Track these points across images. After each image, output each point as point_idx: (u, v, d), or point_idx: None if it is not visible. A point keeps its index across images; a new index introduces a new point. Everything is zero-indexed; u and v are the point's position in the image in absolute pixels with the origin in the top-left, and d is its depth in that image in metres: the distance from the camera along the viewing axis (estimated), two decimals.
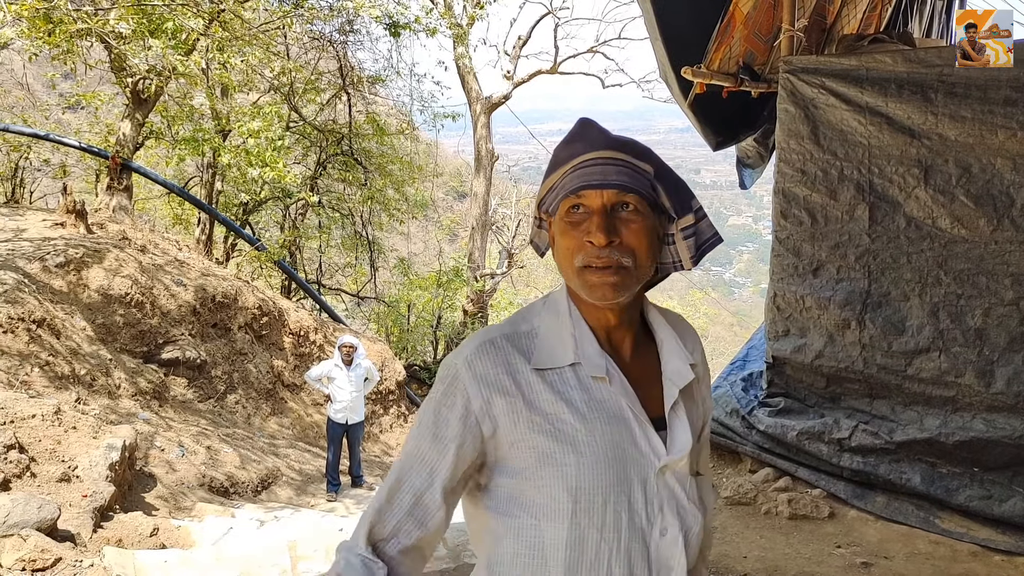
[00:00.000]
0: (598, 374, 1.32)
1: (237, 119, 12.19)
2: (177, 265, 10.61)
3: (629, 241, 1.30)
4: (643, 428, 1.32)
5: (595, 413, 1.30)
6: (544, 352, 1.34)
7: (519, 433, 1.29)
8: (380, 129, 15.93)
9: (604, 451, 1.28)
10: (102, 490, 5.40)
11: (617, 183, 1.30)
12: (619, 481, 1.28)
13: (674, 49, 4.86)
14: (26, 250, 8.75)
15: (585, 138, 1.37)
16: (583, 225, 1.31)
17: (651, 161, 1.37)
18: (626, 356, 1.40)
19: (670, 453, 1.33)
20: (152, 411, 8.02)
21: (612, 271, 1.28)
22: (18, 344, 7.14)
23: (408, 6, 12.52)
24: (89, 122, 16.24)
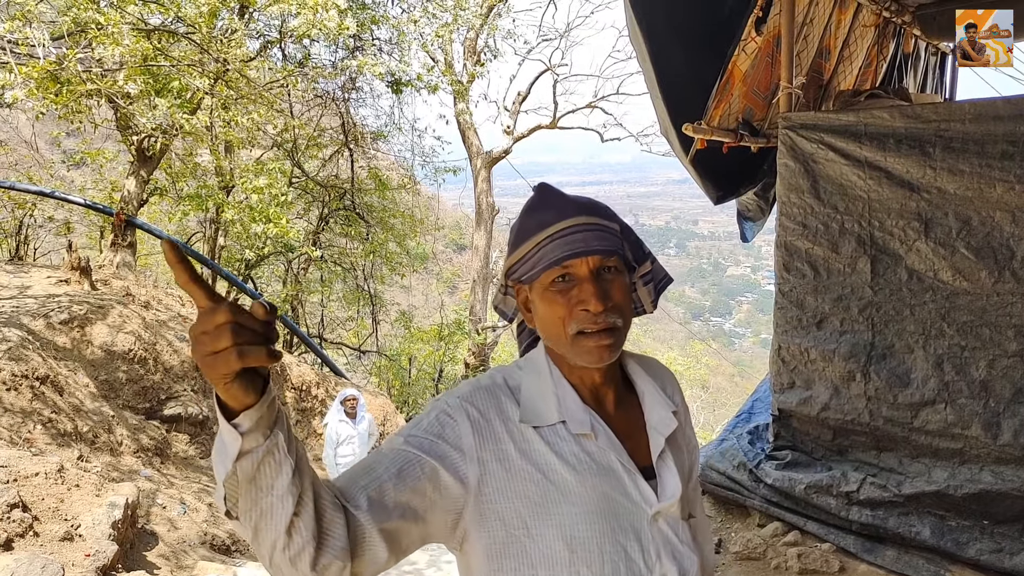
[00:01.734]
0: (583, 431, 1.34)
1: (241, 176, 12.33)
2: (180, 321, 10.63)
3: (618, 301, 1.34)
4: (632, 478, 1.34)
5: (584, 466, 1.32)
6: (530, 410, 1.36)
7: (511, 481, 1.30)
8: (382, 184, 16.11)
9: (596, 502, 1.30)
10: (105, 549, 5.35)
11: (600, 249, 1.34)
12: (613, 531, 1.30)
13: (674, 106, 4.95)
14: (30, 307, 8.79)
15: (552, 206, 1.40)
16: (571, 293, 1.33)
17: (616, 220, 1.43)
18: (610, 409, 1.42)
19: (661, 500, 1.36)
20: (154, 468, 7.97)
21: (608, 334, 1.32)
22: (21, 401, 7.13)
23: (410, 64, 12.77)
24: (93, 179, 16.40)
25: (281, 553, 1.11)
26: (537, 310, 1.40)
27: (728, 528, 4.93)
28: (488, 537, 1.30)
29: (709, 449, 5.32)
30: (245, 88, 10.27)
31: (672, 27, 4.70)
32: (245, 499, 1.09)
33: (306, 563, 1.12)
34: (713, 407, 29.05)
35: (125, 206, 11.77)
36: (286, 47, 12.63)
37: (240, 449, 1.05)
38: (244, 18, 10.92)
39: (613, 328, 1.33)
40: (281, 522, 1.09)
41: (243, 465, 1.07)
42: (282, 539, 1.10)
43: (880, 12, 6.14)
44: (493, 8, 15.25)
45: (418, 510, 1.24)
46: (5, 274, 10.00)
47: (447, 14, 12.47)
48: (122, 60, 7.61)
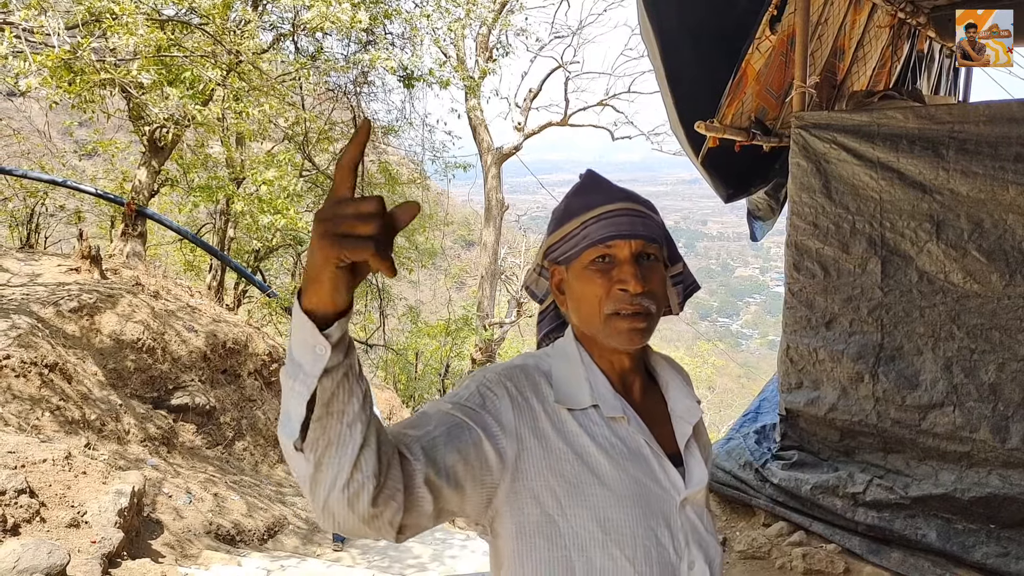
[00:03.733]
0: (616, 414, 1.36)
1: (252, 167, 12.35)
2: (189, 311, 10.66)
3: (655, 288, 1.36)
4: (662, 464, 1.36)
5: (617, 450, 1.33)
6: (563, 392, 1.36)
7: (548, 459, 1.29)
8: (392, 178, 16.11)
9: (628, 487, 1.31)
10: (111, 536, 5.37)
11: (645, 234, 1.37)
12: (645, 516, 1.30)
13: (684, 104, 4.95)
14: (40, 295, 8.82)
15: (599, 190, 1.44)
16: (611, 273, 1.35)
17: (657, 214, 1.47)
18: (637, 398, 1.44)
19: (688, 487, 1.37)
20: (160, 457, 8.00)
21: (641, 318, 1.34)
22: (30, 388, 7.16)
23: (422, 58, 12.76)
24: (105, 169, 16.46)
25: (340, 492, 1.06)
26: (573, 290, 1.41)
27: (733, 527, 4.92)
28: (521, 515, 1.29)
29: (715, 448, 5.31)
30: (257, 80, 10.29)
31: (684, 25, 4.69)
32: (315, 427, 1.04)
33: (365, 501, 1.08)
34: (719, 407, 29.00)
35: (136, 196, 11.81)
36: (299, 40, 12.64)
37: (326, 364, 1.01)
38: (258, 10, 10.94)
39: (647, 313, 1.34)
40: (348, 454, 1.05)
41: (324, 384, 1.02)
42: (345, 473, 1.06)
43: (895, 13, 6.12)
44: (506, 4, 15.24)
45: (460, 477, 1.21)
46: (16, 262, 10.05)
47: (460, 9, 12.46)
48: (136, 50, 7.63)
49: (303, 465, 1.06)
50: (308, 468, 1.06)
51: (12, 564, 4.27)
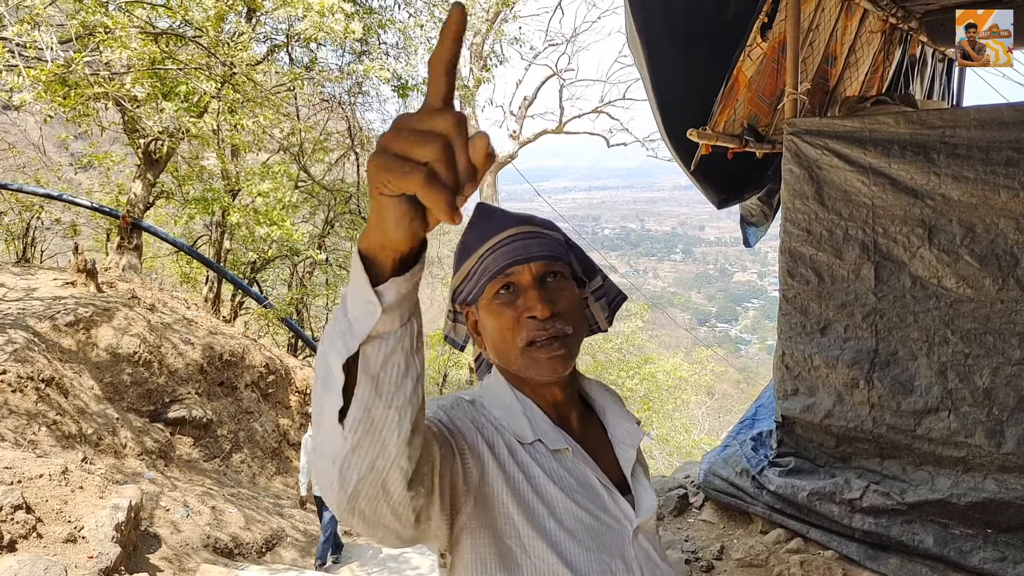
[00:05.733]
0: (560, 447, 1.30)
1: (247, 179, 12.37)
2: (185, 324, 10.65)
3: (565, 308, 1.31)
4: (611, 494, 1.32)
5: (566, 482, 1.28)
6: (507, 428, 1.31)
7: (507, 487, 1.23)
8: None
9: (581, 519, 1.26)
10: (108, 551, 5.36)
11: (543, 254, 1.31)
12: (599, 549, 1.25)
13: (669, 111, 4.96)
14: (36, 309, 8.82)
15: (492, 220, 1.37)
16: (517, 303, 1.30)
17: (559, 230, 1.41)
18: (576, 429, 1.39)
19: (639, 515, 1.33)
20: (158, 470, 7.99)
21: (559, 343, 1.28)
22: (26, 403, 7.15)
23: (416, 67, 12.79)
24: (100, 182, 16.47)
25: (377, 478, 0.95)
26: (485, 327, 1.35)
27: (731, 535, 4.92)
28: (480, 545, 1.22)
29: (712, 456, 5.31)
30: (252, 92, 10.31)
31: (671, 32, 4.70)
32: (358, 405, 0.91)
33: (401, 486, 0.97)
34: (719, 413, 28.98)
35: (131, 209, 11.81)
36: (293, 51, 12.67)
37: (374, 328, 0.87)
38: (251, 22, 10.96)
39: (562, 336, 1.29)
40: (395, 440, 0.93)
41: (368, 352, 0.89)
42: (387, 461, 0.94)
43: (886, 18, 6.14)
44: (499, 14, 15.28)
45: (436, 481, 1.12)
46: (12, 276, 10.04)
47: None
48: (130, 63, 7.64)
49: (338, 441, 0.93)
50: (344, 446, 0.93)
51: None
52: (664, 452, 22.78)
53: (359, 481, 0.94)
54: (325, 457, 0.95)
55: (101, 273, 10.65)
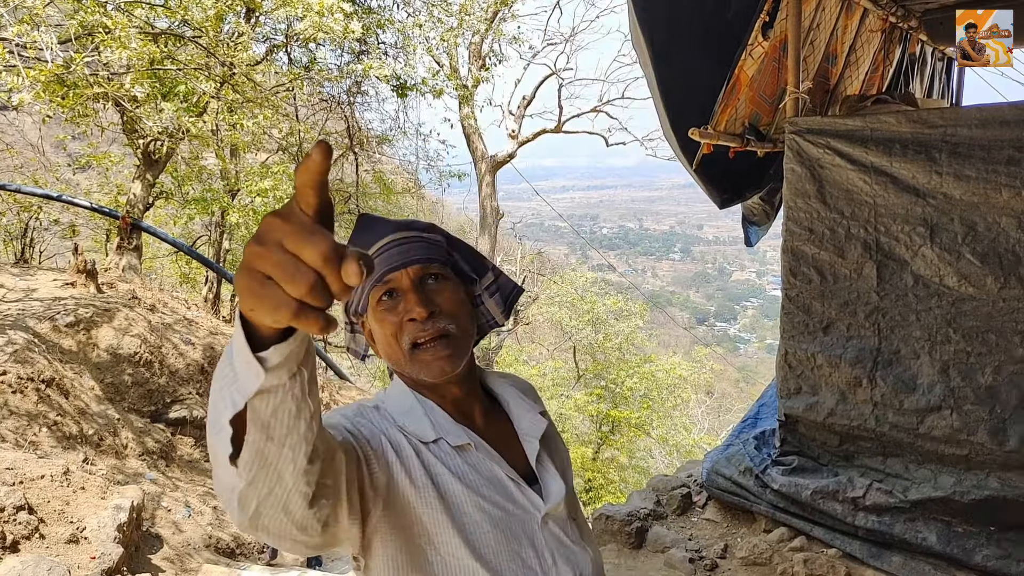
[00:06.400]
0: (462, 442, 1.34)
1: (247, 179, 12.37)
2: (186, 324, 10.65)
3: (447, 307, 1.34)
4: (519, 485, 1.36)
5: (471, 478, 1.32)
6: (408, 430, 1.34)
7: (414, 489, 1.26)
8: (387, 188, 16.13)
9: (488, 512, 1.30)
10: (110, 552, 5.36)
11: (418, 258, 1.35)
12: (507, 540, 1.30)
13: (675, 110, 4.96)
14: (36, 310, 8.81)
15: (372, 229, 1.40)
16: (398, 308, 1.33)
17: (439, 232, 1.44)
18: (480, 424, 1.43)
19: (547, 502, 1.38)
20: (159, 471, 7.99)
21: (443, 344, 1.32)
22: (27, 404, 7.15)
23: (415, 67, 12.79)
24: (99, 182, 16.46)
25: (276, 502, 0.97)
26: (375, 335, 1.39)
27: (734, 534, 4.92)
28: (392, 547, 1.25)
29: (715, 454, 5.31)
30: (251, 92, 10.31)
31: (674, 31, 4.70)
32: (250, 448, 0.91)
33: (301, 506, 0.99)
34: (718, 412, 28.98)
35: (131, 209, 11.81)
36: (292, 51, 12.67)
37: (260, 387, 0.85)
38: (251, 22, 10.96)
39: (446, 335, 1.32)
40: (289, 473, 0.94)
41: (256, 405, 0.88)
42: (284, 489, 0.96)
43: (886, 17, 6.14)
44: (498, 13, 15.28)
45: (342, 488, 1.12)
46: (11, 277, 10.03)
47: (452, 19, 12.50)
48: (129, 64, 7.64)
49: (233, 478, 0.93)
50: (239, 482, 0.93)
51: None
52: (664, 451, 22.78)
53: (258, 505, 0.96)
54: (223, 488, 0.96)
55: (101, 274, 10.63)
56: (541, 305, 21.18)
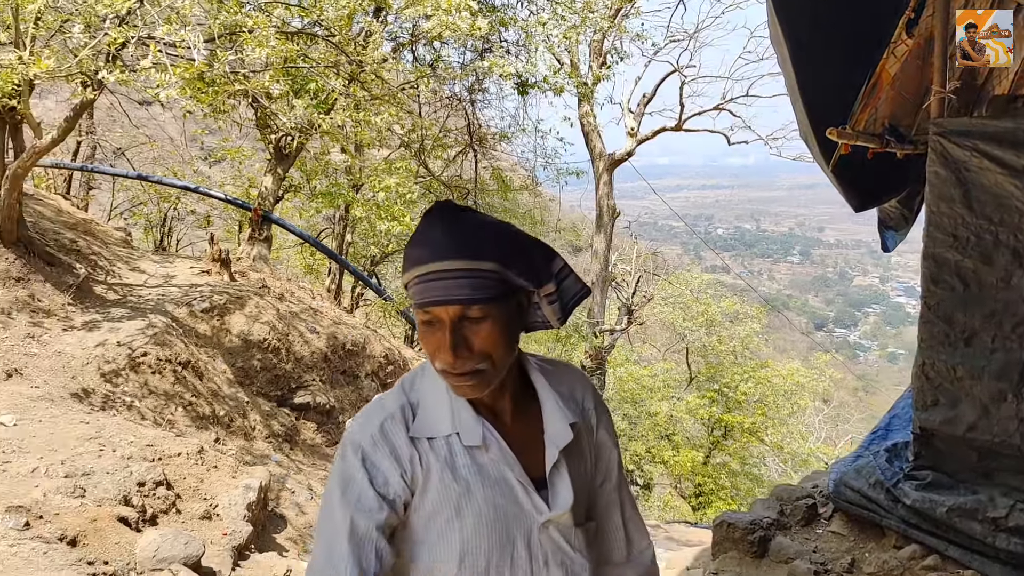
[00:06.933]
0: (474, 443, 1.40)
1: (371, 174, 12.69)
2: (311, 313, 11.02)
3: (481, 347, 1.35)
4: (527, 490, 1.41)
5: (476, 477, 1.39)
6: (427, 422, 1.42)
7: (422, 501, 1.39)
8: (504, 185, 16.26)
9: (485, 513, 1.38)
10: (240, 529, 5.60)
11: (458, 299, 1.33)
12: (501, 541, 1.38)
13: (815, 110, 4.81)
14: (174, 295, 9.29)
15: (427, 243, 1.37)
16: (435, 337, 1.36)
17: (494, 257, 1.36)
18: (507, 420, 1.46)
19: (552, 510, 1.42)
20: (283, 454, 8.30)
21: (468, 377, 1.35)
22: (165, 384, 7.55)
23: (536, 65, 12.82)
24: (232, 175, 17.22)
25: None
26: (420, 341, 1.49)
27: (862, 548, 4.75)
28: (405, 549, 1.41)
29: (842, 466, 5.13)
30: (378, 89, 10.57)
31: (816, 29, 4.56)
32: None
33: None
34: (836, 421, 28.00)
35: (262, 202, 12.30)
36: (416, 49, 12.92)
37: None
38: (379, 20, 11.23)
39: (475, 372, 1.35)
40: None
41: None
42: None
43: None
44: (621, 10, 15.17)
45: None
46: (152, 263, 10.61)
47: (575, 16, 12.46)
48: (267, 62, 7.95)
49: None
50: None
51: (152, 553, 4.50)
52: (777, 459, 22.21)
53: None
54: None
55: (234, 263, 11.12)
56: (654, 306, 20.95)
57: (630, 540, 1.63)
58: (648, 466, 21.07)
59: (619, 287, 18.19)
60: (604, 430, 1.57)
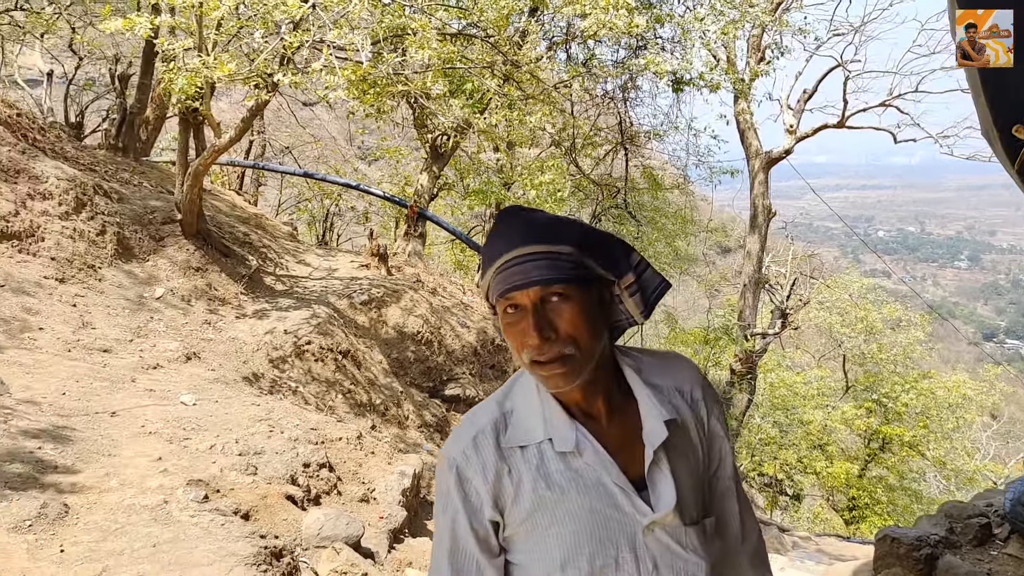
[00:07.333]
0: (567, 449, 1.39)
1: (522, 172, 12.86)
2: (462, 308, 11.28)
3: (566, 330, 1.34)
4: (625, 493, 1.38)
5: (571, 483, 1.38)
6: (520, 430, 1.43)
7: (516, 511, 1.40)
8: (655, 183, 16.10)
9: (583, 519, 1.37)
10: (395, 513, 5.81)
11: (538, 279, 1.33)
12: (603, 546, 1.36)
13: (999, 107, 4.51)
14: (336, 288, 9.72)
15: (503, 236, 1.39)
16: (520, 325, 1.35)
17: (571, 241, 1.37)
18: (603, 421, 1.43)
19: (656, 511, 1.38)
20: (434, 443, 8.53)
21: (558, 363, 1.34)
22: (326, 372, 7.91)
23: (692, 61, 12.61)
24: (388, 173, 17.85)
25: None
26: (506, 339, 1.44)
27: None
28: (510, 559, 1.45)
29: (1019, 485, 4.81)
30: (532, 88, 10.68)
31: None
32: None
33: None
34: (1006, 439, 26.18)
35: (418, 199, 12.68)
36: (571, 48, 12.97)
37: None
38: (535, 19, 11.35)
39: (563, 357, 1.33)
40: None
41: None
42: None
43: None
44: (782, 3, 14.71)
45: None
46: (316, 257, 11.14)
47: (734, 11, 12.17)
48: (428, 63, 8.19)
49: None
50: None
51: (316, 531, 4.73)
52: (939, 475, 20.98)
53: None
54: None
55: (390, 257, 11.53)
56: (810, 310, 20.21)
57: (745, 527, 1.57)
58: (799, 476, 20.36)
59: (772, 290, 17.62)
60: (716, 420, 1.53)
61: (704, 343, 17.45)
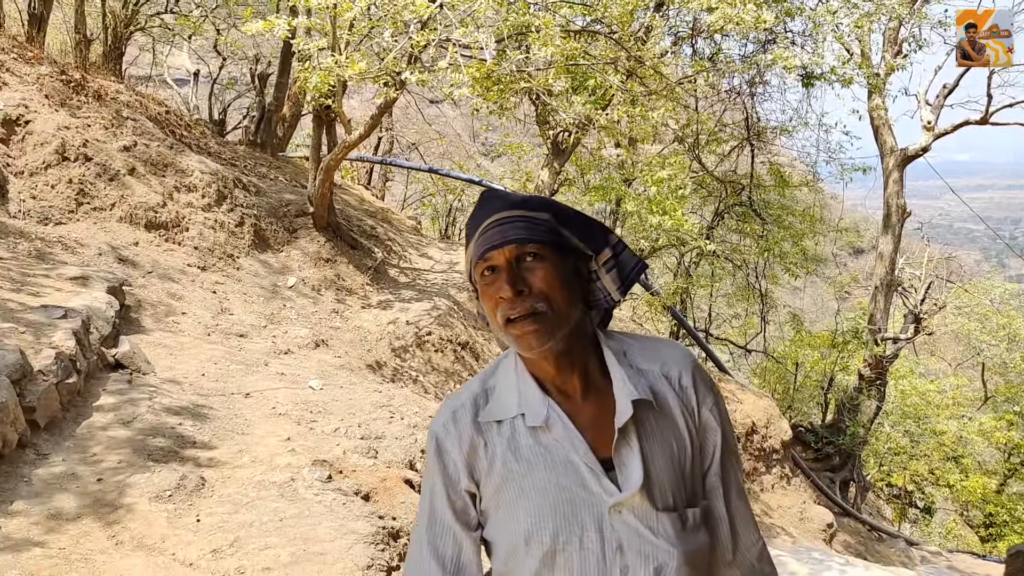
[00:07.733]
0: (537, 423, 1.39)
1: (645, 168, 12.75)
2: None
3: (538, 287, 1.36)
4: (593, 472, 1.37)
5: (539, 458, 1.38)
6: (498, 405, 1.44)
7: (488, 484, 1.42)
8: (783, 181, 15.67)
9: (549, 494, 1.36)
10: None
11: (514, 238, 1.37)
12: (567, 523, 1.35)
13: None
14: (456, 280, 9.93)
15: (487, 206, 1.44)
16: (496, 284, 1.38)
17: (550, 210, 1.43)
18: (578, 399, 1.43)
19: (624, 491, 1.35)
20: None
21: (530, 320, 1.35)
22: (445, 362, 8.11)
23: (823, 55, 12.21)
24: (511, 169, 18.04)
25: None
26: (483, 306, 1.46)
27: None
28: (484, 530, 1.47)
29: None
30: (655, 84, 10.60)
31: None
32: None
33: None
34: None
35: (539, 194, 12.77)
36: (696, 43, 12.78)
37: None
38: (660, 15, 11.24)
39: (535, 313, 1.35)
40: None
41: None
42: None
43: None
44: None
45: None
46: (438, 250, 11.41)
47: (869, 3, 11.70)
48: (551, 60, 8.26)
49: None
50: None
51: None
52: None
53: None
54: None
55: None
56: (946, 315, 19.24)
57: (736, 533, 1.49)
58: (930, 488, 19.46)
59: (906, 293, 16.84)
60: (709, 411, 1.48)
61: (831, 346, 16.86)
